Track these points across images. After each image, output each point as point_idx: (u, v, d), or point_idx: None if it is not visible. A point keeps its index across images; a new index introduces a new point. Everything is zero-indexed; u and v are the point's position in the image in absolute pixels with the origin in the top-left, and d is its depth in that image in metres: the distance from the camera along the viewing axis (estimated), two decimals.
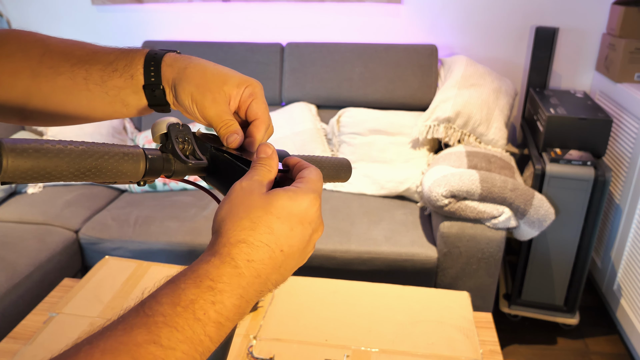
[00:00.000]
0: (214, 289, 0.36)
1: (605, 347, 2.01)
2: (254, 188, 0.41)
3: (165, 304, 0.35)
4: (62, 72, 0.53)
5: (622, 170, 2.03)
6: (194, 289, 0.36)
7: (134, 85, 0.52)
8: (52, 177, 0.38)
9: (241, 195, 0.41)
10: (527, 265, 1.97)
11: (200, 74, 0.51)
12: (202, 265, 0.37)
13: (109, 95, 0.53)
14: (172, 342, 0.33)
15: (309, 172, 0.44)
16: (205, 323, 0.35)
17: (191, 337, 0.34)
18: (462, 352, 1.00)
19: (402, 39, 2.45)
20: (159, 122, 0.47)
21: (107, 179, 0.42)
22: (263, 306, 1.14)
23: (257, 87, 0.53)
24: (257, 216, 0.39)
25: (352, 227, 1.93)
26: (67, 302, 1.18)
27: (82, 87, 0.53)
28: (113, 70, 0.52)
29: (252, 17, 2.54)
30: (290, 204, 0.40)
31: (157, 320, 0.34)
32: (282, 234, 0.40)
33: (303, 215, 0.41)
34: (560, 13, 2.31)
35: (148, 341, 0.33)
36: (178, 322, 0.34)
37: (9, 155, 0.35)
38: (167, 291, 0.36)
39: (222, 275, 0.37)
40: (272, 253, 0.39)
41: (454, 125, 2.06)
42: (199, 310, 0.35)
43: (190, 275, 0.37)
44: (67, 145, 0.38)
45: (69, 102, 0.54)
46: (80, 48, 0.54)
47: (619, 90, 2.09)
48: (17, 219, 2.05)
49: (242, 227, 0.39)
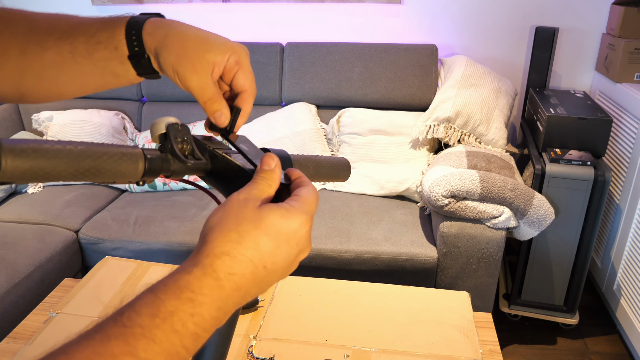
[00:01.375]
0: (193, 300, 0.36)
1: (605, 347, 2.01)
2: (249, 200, 0.41)
3: (144, 315, 0.34)
4: (49, 47, 0.52)
5: (622, 170, 2.03)
6: (174, 300, 0.35)
7: (119, 57, 0.51)
8: (50, 177, 0.38)
9: (235, 207, 0.40)
10: (527, 265, 1.97)
11: (181, 42, 0.48)
12: (184, 275, 0.37)
13: (97, 67, 0.52)
14: (149, 354, 0.33)
15: (306, 192, 0.43)
16: (183, 335, 0.35)
17: (168, 349, 0.34)
18: (462, 352, 1.00)
19: (402, 39, 2.45)
20: (157, 122, 0.47)
21: (106, 179, 0.42)
22: (263, 306, 1.14)
23: (242, 54, 0.51)
24: (246, 230, 0.39)
25: (352, 227, 1.93)
26: (67, 302, 1.19)
27: (70, 60, 0.52)
28: (97, 42, 0.51)
29: (252, 17, 2.54)
30: (280, 222, 0.40)
31: (135, 331, 0.33)
32: (268, 251, 0.39)
33: (292, 235, 0.40)
34: (560, 13, 2.31)
35: (125, 352, 0.32)
36: (156, 334, 0.34)
37: (7, 155, 0.35)
38: (146, 301, 0.35)
39: (202, 287, 0.36)
40: (254, 269, 0.39)
41: (454, 125, 2.06)
42: (178, 322, 0.35)
43: (171, 286, 0.36)
44: (65, 146, 0.38)
45: (60, 77, 0.53)
46: (64, 21, 0.53)
47: (619, 90, 2.09)
48: (17, 219, 2.05)
49: (229, 239, 0.38)
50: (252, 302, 1.12)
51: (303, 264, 1.87)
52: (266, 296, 1.17)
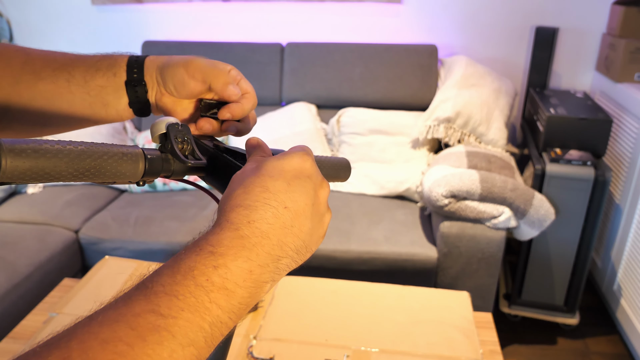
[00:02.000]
0: (214, 253, 0.35)
1: (605, 347, 2.01)
2: (247, 168, 0.42)
3: (164, 275, 0.34)
4: (44, 77, 0.54)
5: (622, 170, 2.03)
6: (194, 256, 0.35)
7: (115, 84, 0.54)
8: (51, 177, 0.38)
9: (238, 179, 0.41)
10: (527, 265, 1.97)
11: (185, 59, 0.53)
12: (203, 236, 0.37)
13: (89, 96, 0.54)
14: (173, 311, 0.32)
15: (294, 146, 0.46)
16: (209, 290, 0.34)
17: (194, 304, 0.33)
18: (462, 352, 1.00)
19: (402, 39, 2.45)
20: (158, 122, 0.47)
21: (106, 179, 0.42)
22: (263, 306, 1.14)
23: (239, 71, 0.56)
24: (249, 181, 0.39)
25: (352, 227, 1.93)
26: (67, 302, 1.19)
27: (64, 89, 0.54)
28: (96, 70, 0.54)
29: (252, 17, 2.54)
30: (280, 162, 0.41)
31: (156, 290, 0.33)
32: (280, 190, 0.39)
33: (297, 169, 0.41)
34: (560, 13, 2.31)
35: (146, 310, 0.32)
36: (178, 290, 0.33)
37: (7, 155, 0.35)
38: (169, 263, 0.35)
39: (222, 239, 0.36)
40: (274, 210, 0.38)
41: (454, 125, 2.06)
42: (200, 277, 0.34)
43: (191, 247, 0.36)
44: (66, 146, 0.38)
45: (48, 108, 0.55)
46: (62, 55, 0.56)
47: (619, 90, 2.09)
48: (17, 219, 2.05)
49: (236, 195, 0.39)
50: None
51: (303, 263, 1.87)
52: (266, 296, 1.17)
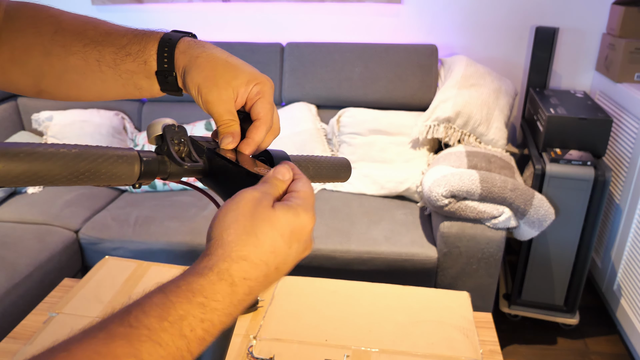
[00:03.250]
0: (206, 306, 0.35)
1: (605, 347, 2.01)
2: (263, 199, 0.40)
3: (152, 317, 0.33)
4: (74, 52, 0.52)
5: (622, 170, 2.03)
6: (185, 304, 0.34)
7: (146, 71, 0.52)
8: (45, 181, 0.38)
9: (249, 205, 0.39)
10: (527, 265, 1.97)
11: (211, 64, 0.49)
12: (197, 279, 0.36)
13: (122, 78, 0.52)
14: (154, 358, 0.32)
15: (303, 186, 0.43)
16: (190, 340, 0.34)
17: (174, 353, 0.33)
18: (462, 352, 1.00)
19: (402, 39, 2.45)
20: (154, 123, 0.47)
21: (102, 182, 0.41)
22: (263, 306, 1.14)
23: (266, 85, 0.52)
24: (263, 232, 0.38)
25: (352, 227, 1.93)
26: (67, 302, 1.19)
27: (95, 68, 0.52)
28: (126, 54, 0.51)
29: (252, 17, 2.54)
30: (293, 221, 0.40)
31: (141, 333, 0.32)
32: (282, 253, 0.39)
33: (301, 233, 0.41)
34: (560, 13, 2.31)
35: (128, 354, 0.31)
36: (163, 338, 0.33)
37: (1, 159, 0.34)
38: (156, 302, 0.34)
39: (216, 292, 0.36)
40: (268, 271, 0.39)
41: (454, 125, 2.06)
42: (187, 327, 0.34)
43: (184, 289, 0.35)
44: (59, 149, 0.38)
45: (82, 82, 0.54)
46: (93, 27, 0.53)
47: (619, 90, 2.09)
48: (17, 219, 2.05)
49: (246, 243, 0.38)
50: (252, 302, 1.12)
51: (303, 264, 1.87)
52: (266, 296, 1.17)
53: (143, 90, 0.53)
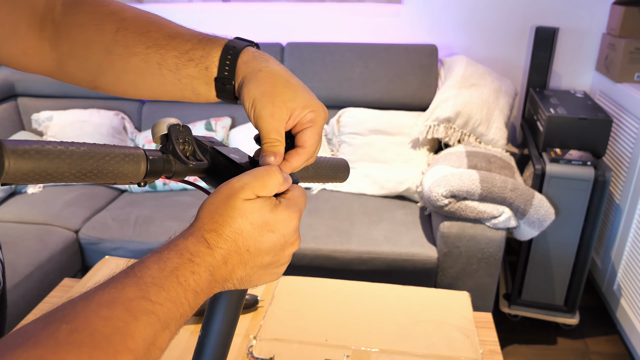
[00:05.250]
0: (192, 261, 0.40)
1: (605, 347, 2.01)
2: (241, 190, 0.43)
3: (152, 269, 0.39)
4: (136, 53, 0.52)
5: (622, 170, 2.03)
6: (177, 258, 0.40)
7: (207, 77, 0.51)
8: (53, 178, 0.38)
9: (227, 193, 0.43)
10: (527, 265, 1.97)
11: (271, 81, 0.49)
12: (182, 241, 0.42)
13: (181, 83, 0.52)
14: (160, 299, 0.37)
15: (292, 190, 0.46)
16: (185, 288, 0.39)
17: (175, 297, 0.38)
18: (462, 352, 1.00)
19: (402, 39, 2.45)
20: (159, 122, 0.47)
21: (108, 180, 0.42)
22: (263, 306, 1.14)
23: (320, 114, 0.51)
24: (231, 216, 0.42)
25: (352, 227, 1.93)
26: None
27: (155, 71, 0.52)
28: (189, 59, 0.51)
29: (252, 17, 2.54)
30: (267, 214, 0.43)
31: (146, 280, 0.38)
32: (251, 238, 0.43)
33: (277, 226, 0.44)
34: (560, 13, 2.31)
35: (139, 297, 0.37)
36: (164, 284, 0.38)
37: (10, 156, 0.35)
38: (153, 259, 0.40)
39: (198, 252, 0.41)
40: (238, 249, 0.43)
41: (454, 125, 2.06)
42: (181, 277, 0.39)
43: (173, 248, 0.41)
44: (68, 147, 0.38)
45: (140, 82, 0.54)
46: (157, 29, 0.53)
47: (619, 90, 2.09)
48: (17, 219, 2.05)
49: (214, 220, 0.43)
50: (252, 302, 1.12)
51: (303, 263, 1.87)
52: (266, 296, 1.17)
53: (200, 96, 0.53)
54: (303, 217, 2.27)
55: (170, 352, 0.99)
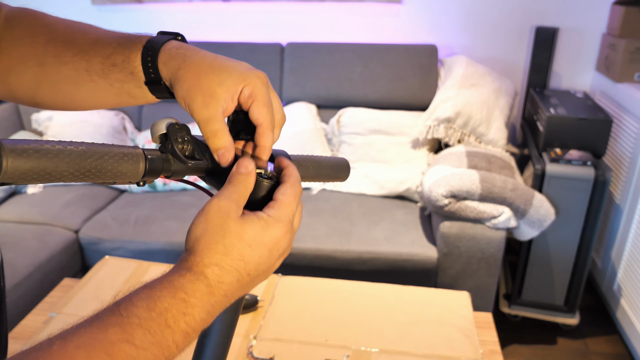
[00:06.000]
0: (186, 302, 0.38)
1: (605, 347, 2.01)
2: (230, 210, 0.42)
3: (140, 308, 0.36)
4: (66, 62, 0.52)
5: (622, 170, 2.03)
6: (169, 298, 0.38)
7: (136, 81, 0.50)
8: (52, 177, 0.38)
9: (218, 217, 0.42)
10: (527, 265, 1.97)
11: (193, 74, 0.46)
12: (178, 278, 0.39)
13: (114, 87, 0.51)
14: (145, 344, 0.35)
15: (282, 194, 0.45)
16: (174, 331, 0.37)
17: (161, 341, 0.36)
18: (462, 352, 1.00)
19: (402, 39, 2.45)
20: (158, 122, 0.47)
21: (107, 179, 0.42)
22: (263, 306, 1.14)
23: (257, 85, 0.47)
24: (231, 243, 0.41)
25: (352, 227, 1.93)
26: (67, 302, 1.19)
27: (86, 78, 0.51)
28: (112, 64, 0.50)
29: (252, 17, 2.54)
30: (262, 234, 0.42)
31: (131, 321, 0.35)
32: (252, 262, 0.42)
33: (274, 244, 0.43)
34: (560, 13, 2.31)
35: (122, 340, 0.34)
36: (151, 326, 0.36)
37: (9, 155, 0.35)
38: (143, 296, 0.38)
39: (195, 291, 0.39)
40: (240, 277, 0.42)
41: (454, 125, 2.06)
42: (171, 319, 0.37)
43: (167, 285, 0.39)
44: (67, 146, 0.38)
45: (76, 92, 0.53)
46: (83, 36, 0.52)
47: (619, 90, 2.09)
48: (17, 219, 2.05)
49: (216, 251, 0.41)
50: (252, 302, 1.12)
51: (303, 263, 1.88)
52: (266, 296, 1.17)
53: (138, 99, 0.52)
54: (303, 217, 2.27)
55: None
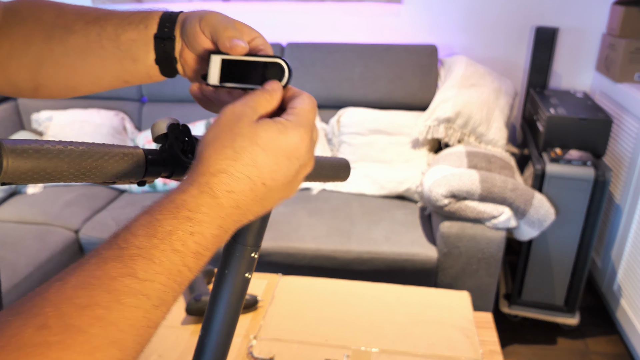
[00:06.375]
0: (192, 219, 0.35)
1: (605, 347, 2.01)
2: (244, 114, 0.39)
3: (140, 236, 0.33)
4: (76, 31, 0.52)
5: (622, 170, 2.03)
6: (171, 219, 0.34)
7: (146, 36, 0.50)
8: (52, 177, 0.38)
9: (230, 121, 0.39)
10: (527, 265, 1.97)
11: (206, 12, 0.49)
12: (179, 195, 0.36)
13: (120, 51, 0.51)
14: (149, 274, 0.32)
15: (301, 102, 0.42)
16: (184, 254, 0.34)
17: (169, 268, 0.33)
18: (462, 352, 1.00)
19: (402, 39, 2.45)
20: (158, 122, 0.47)
21: (107, 179, 0.42)
22: (263, 306, 1.14)
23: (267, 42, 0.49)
24: (242, 146, 0.37)
25: (352, 227, 1.93)
26: None
27: (95, 43, 0.51)
28: (129, 22, 0.50)
29: (252, 17, 2.54)
30: (278, 138, 0.38)
31: (132, 252, 0.32)
32: (266, 168, 0.38)
33: (292, 150, 0.39)
34: (560, 13, 2.31)
35: (123, 274, 0.31)
36: (155, 254, 0.33)
37: (9, 155, 0.35)
38: (142, 222, 0.35)
39: (200, 205, 0.35)
40: (253, 185, 0.38)
41: (454, 125, 2.06)
42: (177, 242, 0.34)
43: (167, 206, 0.35)
44: (67, 146, 0.38)
45: (79, 64, 0.53)
46: (96, 9, 0.53)
47: (619, 90, 2.09)
48: (17, 219, 2.05)
49: (224, 157, 0.37)
50: (252, 302, 1.12)
51: (303, 263, 1.88)
52: (266, 296, 1.17)
53: (138, 63, 0.51)
54: (303, 217, 2.25)
55: (170, 352, 0.99)
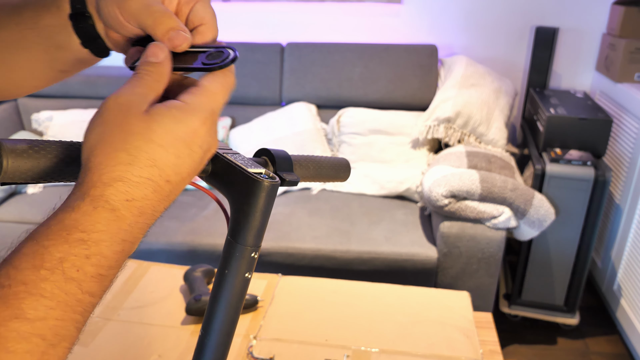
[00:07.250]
0: (86, 241, 0.30)
1: (606, 347, 2.01)
2: (132, 105, 0.34)
3: (25, 269, 0.29)
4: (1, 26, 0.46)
5: (622, 170, 2.03)
6: (61, 245, 0.30)
7: (62, 19, 0.43)
8: (52, 177, 0.38)
9: (116, 116, 0.33)
10: (527, 265, 1.97)
11: None
12: (69, 213, 0.32)
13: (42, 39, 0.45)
14: (40, 312, 0.28)
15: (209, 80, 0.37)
16: (81, 281, 0.30)
17: (64, 300, 0.29)
18: (462, 352, 1.00)
19: (402, 39, 2.45)
20: None
21: None
22: (263, 306, 1.14)
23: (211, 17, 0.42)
24: (136, 147, 0.32)
25: (352, 227, 1.93)
26: None
27: (17, 34, 0.45)
28: (42, 6, 0.44)
29: (252, 17, 2.54)
30: (175, 128, 0.33)
31: (17, 290, 0.28)
32: (168, 164, 0.34)
33: (191, 138, 0.34)
34: (560, 13, 2.31)
35: (9, 317, 0.27)
36: (45, 288, 0.29)
37: (9, 155, 0.35)
38: (26, 252, 0.30)
39: (96, 223, 0.31)
40: (156, 186, 0.33)
41: (454, 125, 2.06)
42: (71, 269, 0.30)
43: (55, 229, 0.31)
44: (67, 146, 0.38)
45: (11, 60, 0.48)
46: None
47: (619, 90, 2.09)
48: (17, 219, 2.05)
49: (118, 162, 0.32)
50: (252, 302, 1.12)
51: (303, 263, 1.87)
52: (266, 296, 1.17)
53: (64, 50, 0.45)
54: (303, 217, 2.24)
55: (170, 352, 0.99)
